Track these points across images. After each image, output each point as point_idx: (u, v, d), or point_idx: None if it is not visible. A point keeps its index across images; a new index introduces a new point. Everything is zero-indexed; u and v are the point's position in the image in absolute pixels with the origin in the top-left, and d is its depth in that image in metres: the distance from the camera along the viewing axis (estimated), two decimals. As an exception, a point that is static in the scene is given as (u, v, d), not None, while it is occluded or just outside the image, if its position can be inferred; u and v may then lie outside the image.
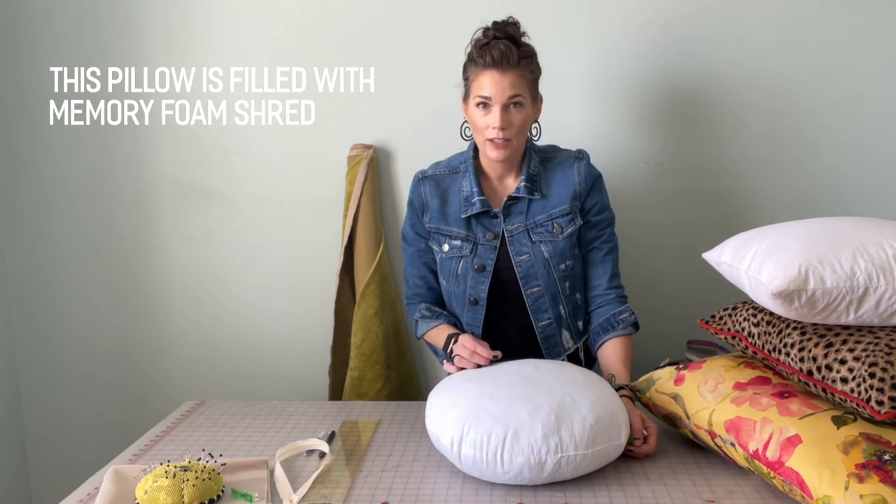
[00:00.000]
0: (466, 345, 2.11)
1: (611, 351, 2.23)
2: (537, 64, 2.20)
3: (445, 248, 2.29)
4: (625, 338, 2.24)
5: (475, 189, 2.25)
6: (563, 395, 1.85)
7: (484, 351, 2.07)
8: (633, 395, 2.10)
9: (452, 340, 2.18)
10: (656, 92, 2.66)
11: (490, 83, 2.12)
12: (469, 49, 2.20)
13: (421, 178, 2.35)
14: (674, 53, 2.63)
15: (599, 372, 2.38)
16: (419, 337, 2.38)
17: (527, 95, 2.15)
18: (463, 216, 2.26)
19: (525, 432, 1.76)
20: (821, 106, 2.63)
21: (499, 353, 2.08)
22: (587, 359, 2.37)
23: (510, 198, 2.25)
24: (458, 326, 2.32)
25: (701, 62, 2.63)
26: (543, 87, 2.26)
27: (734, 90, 2.64)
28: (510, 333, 2.30)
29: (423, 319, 2.34)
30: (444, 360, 2.34)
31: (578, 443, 1.76)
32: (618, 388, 2.08)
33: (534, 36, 2.23)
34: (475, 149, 2.30)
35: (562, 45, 2.62)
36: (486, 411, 1.81)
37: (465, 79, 2.23)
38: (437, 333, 2.29)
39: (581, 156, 2.30)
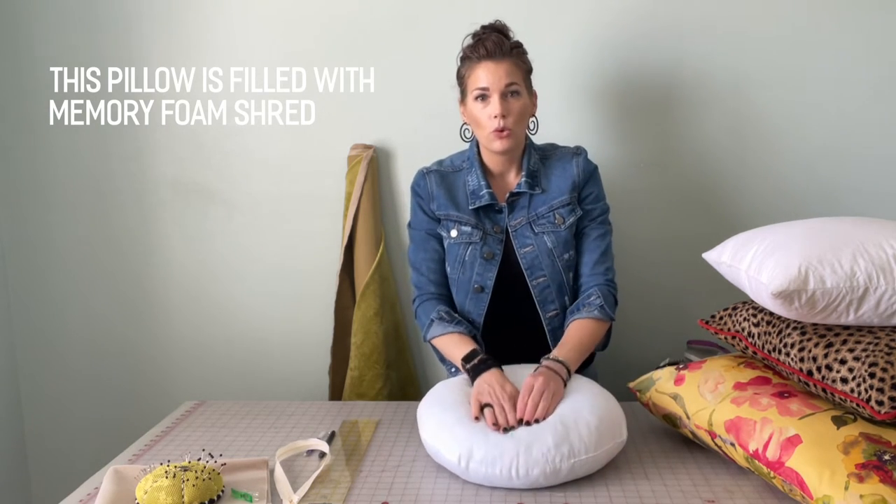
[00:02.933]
0: (496, 391, 1.98)
1: (568, 330, 2.22)
2: (528, 59, 2.26)
3: (454, 233, 2.29)
4: (586, 320, 2.21)
5: (482, 182, 2.27)
6: (563, 403, 1.92)
7: (511, 413, 1.92)
8: (561, 368, 2.06)
9: (473, 361, 2.12)
10: (653, 91, 2.66)
11: (486, 73, 2.16)
12: (461, 53, 2.25)
13: (425, 173, 2.36)
14: (669, 52, 2.63)
15: (593, 374, 2.40)
16: (427, 339, 2.31)
17: (522, 85, 2.19)
18: (471, 207, 2.27)
19: (537, 444, 1.80)
20: (819, 105, 2.63)
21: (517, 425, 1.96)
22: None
23: (512, 193, 2.27)
24: (476, 339, 2.25)
25: (697, 61, 2.63)
26: (537, 87, 2.29)
27: (732, 88, 2.63)
28: (516, 327, 2.30)
29: (439, 321, 2.26)
30: (451, 371, 2.34)
31: (588, 445, 1.81)
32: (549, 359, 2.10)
33: (526, 36, 2.27)
34: (478, 145, 2.31)
35: (551, 46, 2.61)
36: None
37: (460, 79, 2.26)
38: (452, 341, 2.22)
39: (579, 151, 2.33)
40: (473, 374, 2.08)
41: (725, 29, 2.61)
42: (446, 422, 1.91)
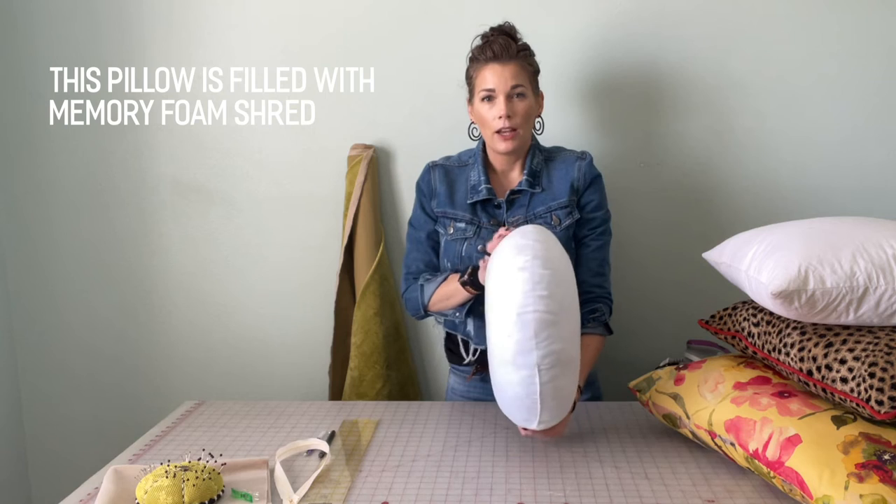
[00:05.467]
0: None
1: None
2: (535, 60, 2.28)
3: (451, 230, 2.31)
4: (589, 336, 2.23)
5: (483, 178, 2.29)
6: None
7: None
8: (577, 396, 2.06)
9: (466, 272, 2.17)
10: (654, 91, 2.66)
11: (492, 75, 2.19)
12: (469, 53, 2.27)
13: (431, 167, 2.39)
14: (671, 53, 2.63)
15: (593, 374, 2.40)
16: (426, 304, 2.31)
17: (528, 86, 2.22)
18: (469, 202, 2.30)
19: None
20: (819, 105, 2.63)
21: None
22: None
23: (513, 191, 2.28)
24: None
25: (699, 59, 2.63)
26: (542, 88, 2.29)
27: (734, 88, 2.64)
28: None
29: (427, 283, 2.31)
30: (457, 314, 2.33)
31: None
32: None
33: (531, 37, 2.28)
34: (485, 143, 2.32)
35: (554, 47, 2.62)
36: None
37: (468, 79, 2.28)
38: (445, 284, 2.26)
39: (584, 156, 2.33)
40: (472, 276, 2.15)
41: (728, 30, 2.61)
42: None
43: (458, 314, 2.33)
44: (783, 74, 2.62)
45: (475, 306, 2.27)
